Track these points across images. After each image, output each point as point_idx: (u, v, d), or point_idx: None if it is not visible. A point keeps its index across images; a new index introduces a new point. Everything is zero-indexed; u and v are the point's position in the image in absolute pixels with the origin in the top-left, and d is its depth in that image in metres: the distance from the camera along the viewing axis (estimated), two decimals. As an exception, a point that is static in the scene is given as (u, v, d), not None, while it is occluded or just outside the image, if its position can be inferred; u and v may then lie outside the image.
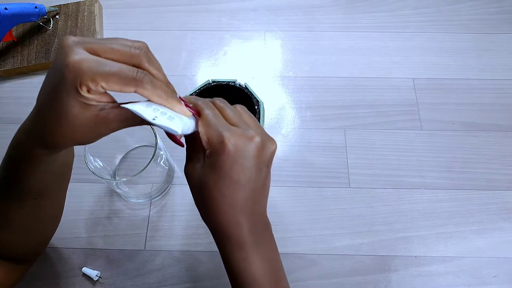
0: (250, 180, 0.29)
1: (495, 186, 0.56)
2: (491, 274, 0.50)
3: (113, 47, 0.26)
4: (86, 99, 0.26)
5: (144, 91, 0.26)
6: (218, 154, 0.28)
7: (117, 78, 0.25)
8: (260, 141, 0.29)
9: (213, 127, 0.28)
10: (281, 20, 0.71)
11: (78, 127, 0.27)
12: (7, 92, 0.65)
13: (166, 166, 0.54)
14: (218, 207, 0.29)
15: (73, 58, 0.24)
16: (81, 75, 0.24)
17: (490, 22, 0.70)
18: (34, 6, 0.64)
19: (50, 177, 0.37)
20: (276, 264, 0.33)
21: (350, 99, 0.63)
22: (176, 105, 0.28)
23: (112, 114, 0.27)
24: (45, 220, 0.42)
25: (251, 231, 0.30)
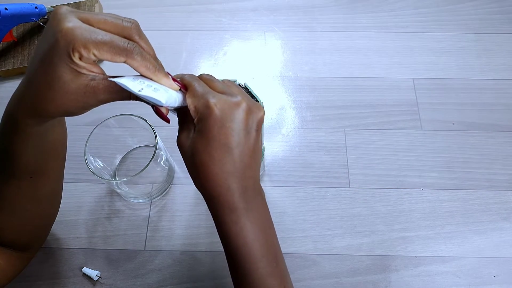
0: (239, 144, 0.29)
1: (495, 186, 0.56)
2: (491, 274, 0.50)
3: (106, 18, 0.27)
4: (77, 66, 0.27)
5: (134, 62, 0.27)
6: (206, 119, 0.28)
7: (108, 47, 0.26)
8: (246, 105, 0.29)
9: (200, 95, 0.29)
10: (281, 20, 0.71)
11: (68, 94, 0.28)
12: (7, 92, 0.65)
13: (166, 166, 0.54)
14: (209, 171, 0.29)
15: (67, 25, 0.25)
16: (74, 41, 0.25)
17: (490, 22, 0.70)
18: (34, 6, 0.64)
19: (43, 154, 0.37)
20: (268, 231, 0.33)
21: (350, 99, 0.63)
22: (163, 78, 0.29)
23: (102, 85, 0.28)
24: (43, 201, 0.42)
25: (242, 195, 0.30)
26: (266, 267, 0.32)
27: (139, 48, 0.27)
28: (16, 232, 0.41)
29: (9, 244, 0.41)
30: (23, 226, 0.41)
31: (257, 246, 0.31)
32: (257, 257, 0.31)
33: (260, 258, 0.32)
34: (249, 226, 0.31)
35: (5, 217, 0.39)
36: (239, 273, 0.32)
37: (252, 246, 0.31)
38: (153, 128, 0.49)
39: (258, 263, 0.31)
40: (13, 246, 0.42)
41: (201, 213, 0.55)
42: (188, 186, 0.57)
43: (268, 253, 0.32)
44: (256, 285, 0.32)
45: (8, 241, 0.41)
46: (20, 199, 0.38)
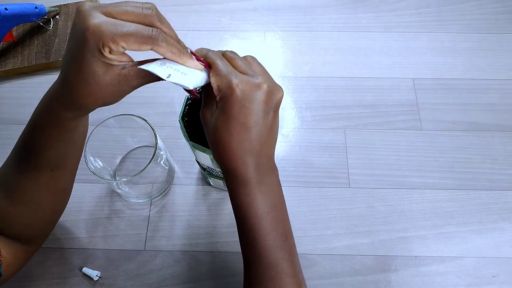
0: (256, 124, 0.30)
1: (496, 186, 0.56)
2: (491, 274, 0.50)
3: (127, 9, 0.28)
4: (108, 60, 0.28)
5: (159, 48, 0.28)
6: (227, 99, 0.29)
7: (135, 37, 0.27)
8: (267, 87, 0.30)
9: (223, 75, 0.30)
10: (281, 20, 0.71)
11: (104, 86, 0.29)
12: (7, 92, 0.65)
13: (166, 166, 0.54)
14: (227, 147, 0.31)
15: (93, 22, 0.26)
16: (102, 37, 0.26)
17: (493, 21, 0.70)
18: (34, 7, 0.64)
19: (69, 147, 0.38)
20: (279, 206, 0.34)
21: (350, 99, 0.63)
22: (188, 60, 0.30)
23: (133, 71, 0.29)
24: (57, 195, 0.43)
25: (255, 170, 0.32)
26: (274, 239, 0.33)
27: (163, 34, 0.28)
28: (25, 224, 0.42)
29: (16, 236, 0.41)
30: (33, 219, 0.42)
31: (267, 218, 0.33)
32: (267, 230, 0.33)
33: (270, 231, 0.33)
34: (260, 199, 0.32)
35: (18, 209, 0.40)
36: (248, 244, 0.34)
37: (262, 218, 0.33)
38: (153, 128, 0.48)
39: (267, 235, 0.33)
40: (20, 238, 0.42)
41: (201, 213, 0.55)
42: (188, 186, 0.57)
43: (277, 227, 0.33)
44: (264, 256, 0.33)
45: (16, 233, 0.41)
46: (36, 191, 0.39)
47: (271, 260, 0.33)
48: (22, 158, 0.38)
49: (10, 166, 0.39)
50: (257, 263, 0.33)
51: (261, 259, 0.33)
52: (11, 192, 0.39)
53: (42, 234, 0.46)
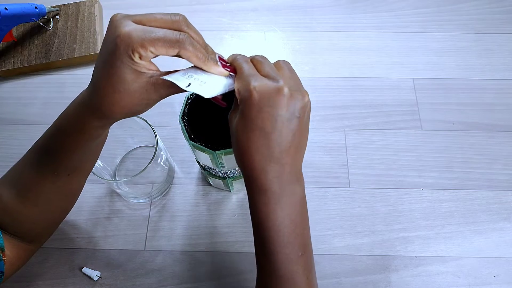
0: (275, 129, 0.29)
1: (495, 186, 0.56)
2: (491, 274, 0.50)
3: (156, 16, 0.29)
4: (138, 66, 0.29)
5: (186, 52, 0.29)
6: (245, 102, 0.29)
7: (162, 41, 0.28)
8: (287, 91, 0.29)
9: (243, 77, 0.30)
10: (281, 20, 0.71)
11: (133, 93, 0.30)
12: (7, 92, 0.65)
13: (166, 166, 0.54)
14: (246, 152, 0.30)
15: (124, 29, 0.28)
16: (132, 43, 0.27)
17: (491, 22, 0.70)
18: (34, 7, 0.64)
19: (89, 154, 0.39)
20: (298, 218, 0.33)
21: (350, 99, 0.63)
22: (213, 66, 0.30)
23: (160, 80, 0.30)
24: (69, 197, 0.44)
25: (275, 179, 0.31)
26: (290, 253, 0.32)
27: (190, 38, 0.29)
28: (32, 223, 0.42)
29: (21, 235, 0.41)
30: (42, 218, 0.42)
31: (285, 231, 0.32)
32: (283, 242, 0.32)
33: (286, 244, 0.32)
34: (279, 210, 0.31)
35: (29, 208, 0.40)
36: (262, 254, 0.33)
37: (279, 230, 0.32)
38: (153, 128, 0.48)
39: (283, 248, 0.32)
40: (24, 236, 0.42)
41: (201, 213, 0.55)
42: (188, 186, 0.57)
43: (295, 241, 0.32)
44: (277, 269, 0.32)
45: (22, 231, 0.41)
46: (50, 193, 0.40)
47: (285, 274, 0.32)
48: (42, 160, 0.38)
49: (27, 165, 0.39)
50: (270, 274, 0.33)
51: (274, 271, 0.32)
52: (25, 191, 0.39)
53: (47, 233, 0.46)
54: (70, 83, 0.65)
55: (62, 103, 0.63)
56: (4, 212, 0.39)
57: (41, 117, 0.62)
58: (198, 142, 0.40)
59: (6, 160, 0.58)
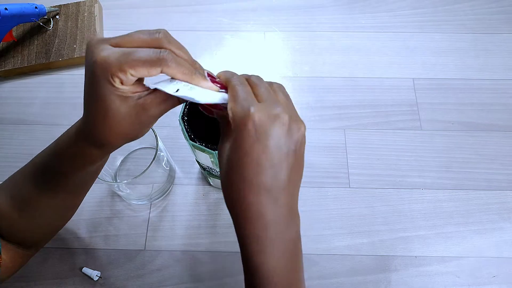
0: (273, 164, 0.26)
1: (495, 186, 0.56)
2: (491, 274, 0.50)
3: (134, 36, 0.27)
4: (121, 92, 0.27)
5: (169, 70, 0.26)
6: (240, 130, 0.26)
7: (142, 62, 0.26)
8: (287, 120, 0.26)
9: (239, 101, 0.26)
10: (281, 20, 0.71)
11: (122, 120, 0.28)
12: (7, 92, 0.65)
13: (167, 167, 0.54)
14: (238, 191, 0.27)
15: (100, 55, 0.26)
16: (110, 68, 0.25)
17: (489, 22, 0.70)
18: (34, 7, 0.64)
19: (89, 175, 0.39)
20: (294, 266, 0.30)
21: (350, 99, 0.63)
22: (201, 81, 0.28)
23: (149, 99, 0.28)
24: (68, 211, 0.43)
25: (270, 223, 0.27)
26: None
27: (172, 55, 0.26)
28: (29, 232, 0.41)
29: (18, 242, 0.41)
30: (39, 229, 0.42)
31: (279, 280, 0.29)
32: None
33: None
34: (274, 259, 0.28)
35: (26, 220, 0.39)
36: None
37: (272, 280, 0.28)
38: (153, 130, 0.48)
39: None
40: (21, 243, 0.42)
41: (201, 213, 0.55)
42: (188, 186, 0.57)
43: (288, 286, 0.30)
44: None
45: (18, 238, 0.41)
46: (48, 208, 0.39)
47: None
48: (40, 178, 0.37)
49: (27, 179, 0.38)
50: None
51: None
52: (22, 204, 0.38)
53: (44, 240, 0.45)
54: (70, 83, 0.65)
55: (62, 103, 0.63)
56: (2, 220, 0.39)
57: (41, 117, 0.62)
58: (198, 142, 0.40)
59: (6, 160, 0.58)
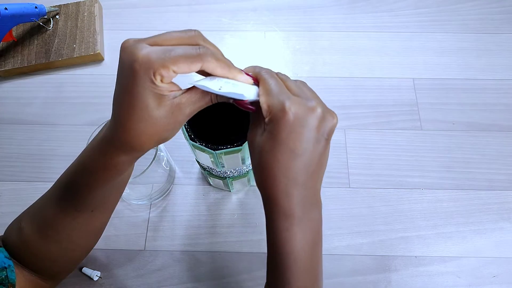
0: (306, 151, 0.28)
1: (495, 186, 0.56)
2: (491, 274, 0.50)
3: (171, 35, 0.28)
4: (160, 90, 0.27)
5: (209, 64, 0.27)
6: (277, 122, 0.28)
7: (184, 58, 0.26)
8: (320, 112, 0.28)
9: (274, 95, 0.28)
10: (281, 20, 0.71)
11: (159, 119, 0.28)
12: (7, 92, 0.65)
13: (167, 167, 0.54)
14: (272, 174, 0.29)
15: (141, 53, 0.26)
16: (152, 65, 0.26)
17: (490, 22, 0.70)
18: (34, 6, 0.64)
19: (115, 189, 0.37)
20: (316, 246, 0.32)
21: (350, 99, 0.63)
22: (238, 75, 0.29)
23: (184, 98, 0.29)
24: (91, 235, 0.42)
25: (299, 203, 0.30)
26: (306, 281, 0.31)
27: (210, 50, 0.27)
28: (52, 261, 0.40)
29: (39, 271, 0.40)
30: (62, 256, 0.41)
31: (303, 258, 0.31)
32: (300, 270, 0.31)
33: (302, 271, 0.31)
34: (299, 236, 0.30)
35: (49, 245, 0.39)
36: (278, 280, 0.32)
37: (297, 258, 0.31)
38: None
39: (299, 276, 0.31)
40: (42, 273, 0.41)
41: (201, 213, 0.55)
42: (188, 186, 0.57)
43: (311, 268, 0.32)
44: None
45: (39, 268, 0.40)
46: (72, 230, 0.38)
47: None
48: (64, 197, 0.36)
49: (49, 201, 0.37)
50: None
51: None
52: (45, 228, 0.38)
53: (65, 271, 0.44)
54: (70, 83, 0.65)
55: (62, 103, 0.63)
56: (25, 247, 0.38)
57: (41, 117, 0.62)
58: (198, 142, 0.40)
59: (6, 160, 0.58)
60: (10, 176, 0.57)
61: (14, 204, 0.55)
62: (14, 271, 0.37)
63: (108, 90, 0.56)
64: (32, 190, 0.56)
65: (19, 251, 0.38)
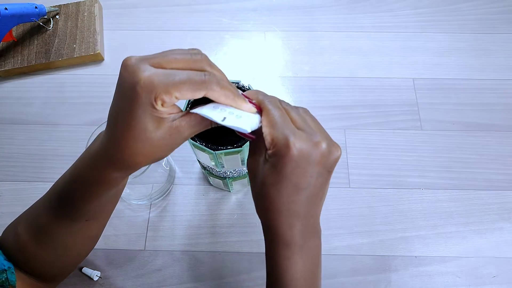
0: (309, 185, 0.28)
1: (495, 186, 0.56)
2: (491, 274, 0.50)
3: (176, 57, 0.27)
4: (160, 113, 0.26)
5: (214, 93, 0.27)
6: (282, 157, 0.27)
7: (188, 85, 0.25)
8: (326, 148, 0.28)
9: (279, 128, 0.28)
10: (281, 20, 0.71)
11: (156, 141, 0.28)
12: (7, 92, 0.65)
13: (167, 167, 0.54)
14: (274, 206, 0.29)
15: (144, 75, 0.25)
16: (155, 90, 0.25)
17: (489, 22, 0.70)
18: (34, 6, 0.64)
19: (109, 200, 0.37)
20: (316, 271, 0.33)
21: (350, 99, 0.63)
22: (243, 104, 0.29)
23: (184, 121, 0.28)
24: (87, 242, 0.42)
25: (300, 232, 0.30)
26: None
27: (216, 78, 0.27)
28: (49, 266, 0.40)
29: (36, 275, 0.40)
30: (59, 261, 0.41)
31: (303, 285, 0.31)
32: None
33: None
34: (300, 264, 0.31)
35: (45, 251, 0.39)
36: None
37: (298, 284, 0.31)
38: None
39: None
40: (39, 276, 0.41)
41: (201, 213, 0.55)
42: (188, 186, 0.57)
43: None
44: None
45: (37, 272, 0.40)
46: (67, 238, 0.38)
47: None
48: (58, 206, 0.36)
49: (44, 208, 0.37)
50: None
51: None
52: (41, 234, 0.38)
53: (63, 274, 0.44)
54: (70, 83, 0.65)
55: (62, 103, 0.63)
56: (21, 251, 0.38)
57: (41, 117, 0.62)
58: (198, 142, 0.40)
59: (6, 160, 0.58)
60: (11, 176, 0.57)
61: (15, 204, 0.55)
62: (14, 273, 0.38)
63: (108, 90, 0.56)
64: (33, 190, 0.56)
65: (16, 255, 0.39)
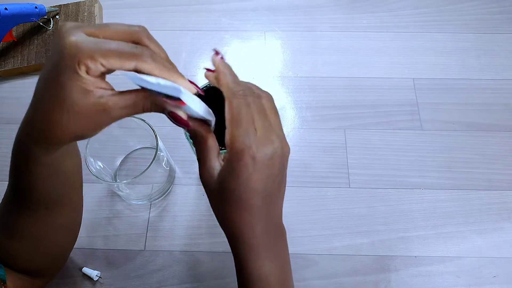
0: (267, 187, 0.28)
1: (495, 186, 0.56)
2: (491, 274, 0.50)
3: (111, 27, 0.26)
4: (84, 82, 0.25)
5: (145, 65, 0.25)
6: (238, 161, 0.27)
7: (116, 53, 0.24)
8: (280, 149, 0.28)
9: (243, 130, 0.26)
10: (281, 20, 0.71)
11: (78, 115, 0.26)
12: (7, 92, 0.65)
13: (167, 167, 0.54)
14: (235, 211, 0.29)
15: (71, 39, 0.24)
16: (79, 54, 0.24)
17: (490, 22, 0.70)
18: (34, 6, 0.64)
19: (57, 184, 0.36)
20: (285, 270, 0.33)
21: (350, 99, 0.63)
22: (179, 78, 0.27)
23: (111, 101, 0.26)
24: (60, 230, 0.41)
25: (263, 234, 0.30)
26: None
27: (149, 51, 0.26)
28: (28, 260, 0.40)
29: (22, 271, 0.40)
30: (35, 254, 0.40)
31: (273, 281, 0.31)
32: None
33: None
34: (267, 264, 0.31)
35: (17, 244, 0.38)
36: None
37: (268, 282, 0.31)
38: (153, 130, 0.48)
39: None
40: (26, 272, 0.41)
41: (201, 214, 0.55)
42: (188, 186, 0.57)
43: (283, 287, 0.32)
44: None
45: (20, 268, 0.40)
46: (33, 228, 0.37)
47: None
48: (14, 196, 0.35)
49: (5, 201, 0.37)
50: None
51: None
52: (10, 230, 0.37)
53: (51, 268, 0.44)
54: (70, 83, 0.65)
55: (62, 103, 0.63)
56: None
57: (41, 117, 0.62)
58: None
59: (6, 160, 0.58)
60: (10, 176, 0.57)
61: (14, 204, 0.55)
62: (3, 268, 0.38)
63: (108, 90, 0.56)
64: (32, 190, 0.56)
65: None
